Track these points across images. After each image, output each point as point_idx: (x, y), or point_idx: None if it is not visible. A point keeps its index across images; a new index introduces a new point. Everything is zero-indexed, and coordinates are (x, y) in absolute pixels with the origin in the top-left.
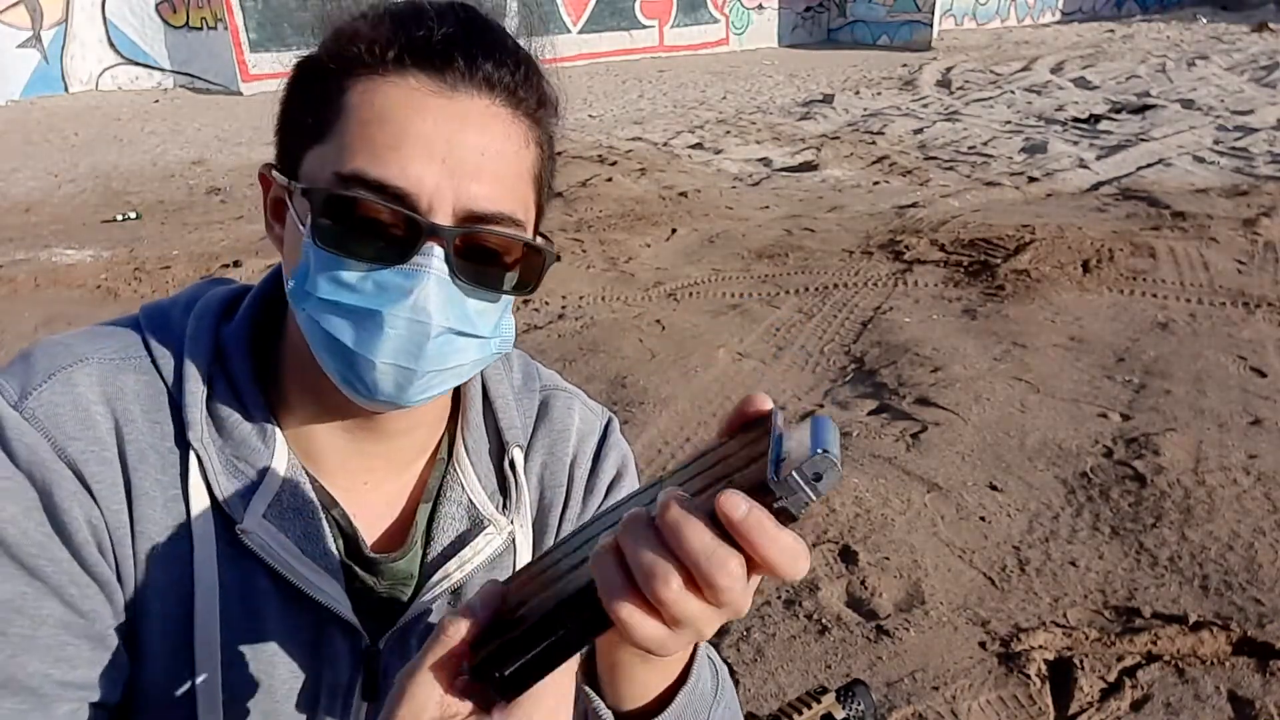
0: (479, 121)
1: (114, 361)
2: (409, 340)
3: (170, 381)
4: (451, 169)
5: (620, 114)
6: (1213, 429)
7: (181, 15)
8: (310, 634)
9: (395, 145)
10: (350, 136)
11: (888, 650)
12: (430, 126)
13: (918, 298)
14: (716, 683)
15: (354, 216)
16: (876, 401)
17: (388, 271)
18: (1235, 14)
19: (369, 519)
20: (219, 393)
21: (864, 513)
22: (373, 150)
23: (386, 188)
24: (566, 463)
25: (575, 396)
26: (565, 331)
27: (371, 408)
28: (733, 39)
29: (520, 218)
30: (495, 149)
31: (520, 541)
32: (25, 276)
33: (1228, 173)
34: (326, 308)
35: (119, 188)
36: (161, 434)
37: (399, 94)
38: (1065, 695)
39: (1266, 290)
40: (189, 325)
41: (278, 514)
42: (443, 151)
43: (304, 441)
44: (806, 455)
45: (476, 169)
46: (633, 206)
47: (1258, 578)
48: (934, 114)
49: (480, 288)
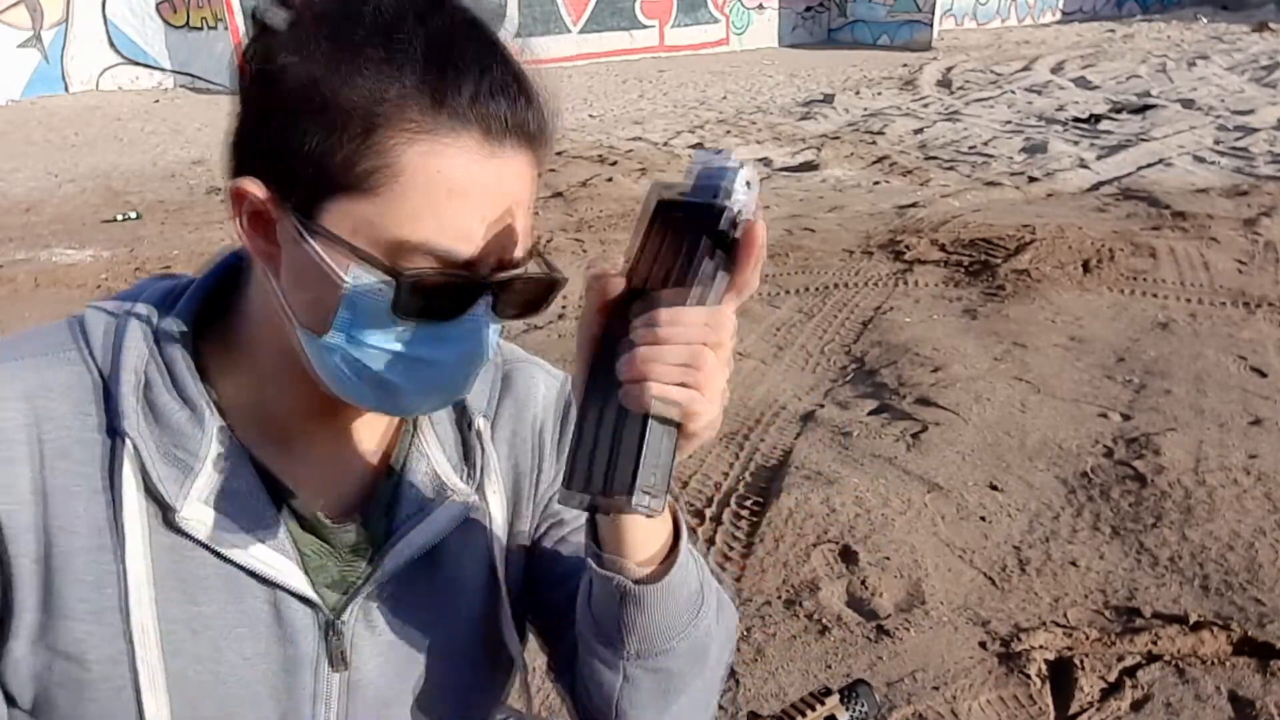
0: (517, 178)
1: (41, 358)
2: (459, 378)
3: (102, 373)
4: (497, 228)
5: (620, 114)
6: (1213, 429)
7: (182, 15)
8: (266, 613)
9: (459, 217)
10: (414, 203)
11: (888, 650)
12: (484, 195)
13: (918, 297)
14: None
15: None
16: (877, 401)
17: (446, 326)
18: (1235, 14)
19: (326, 492)
20: (154, 382)
21: (864, 513)
22: (438, 219)
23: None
24: (535, 430)
25: (537, 366)
26: (565, 331)
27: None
28: (733, 39)
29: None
30: (525, 199)
31: (495, 507)
32: (25, 276)
33: (1228, 173)
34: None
35: (119, 188)
36: (91, 426)
37: (458, 160)
38: (1065, 695)
39: (1267, 290)
40: (127, 317)
41: (219, 499)
42: (493, 216)
43: (258, 421)
44: (721, 164)
45: (515, 223)
46: (633, 206)
47: (1258, 578)
48: (934, 114)
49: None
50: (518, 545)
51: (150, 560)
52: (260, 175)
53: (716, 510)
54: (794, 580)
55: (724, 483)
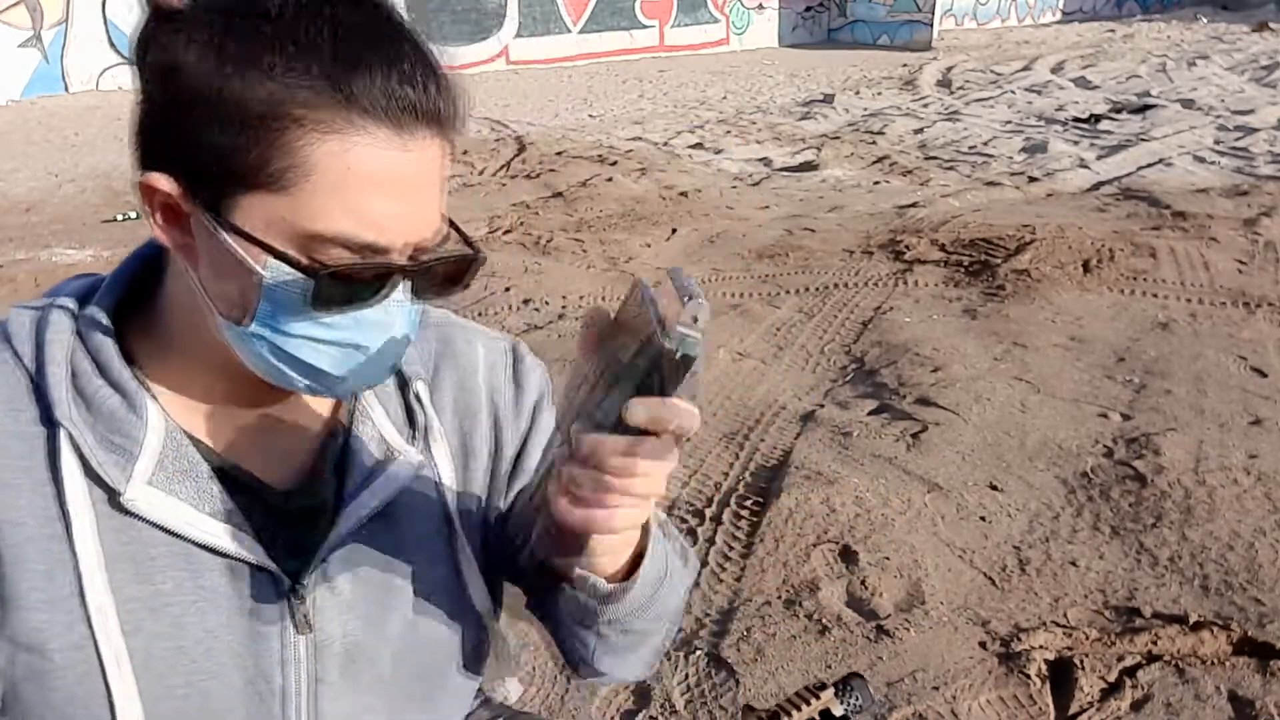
0: (428, 163)
1: None
2: (382, 360)
3: (30, 369)
4: (411, 215)
5: (620, 114)
6: (1213, 429)
7: None
8: (224, 585)
9: (371, 208)
10: (326, 198)
11: (888, 650)
12: (397, 182)
13: (918, 297)
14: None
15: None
16: (876, 401)
17: (364, 310)
18: (1235, 14)
19: (272, 461)
20: (82, 372)
21: (864, 513)
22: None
23: (367, 247)
24: (482, 394)
25: (475, 331)
26: (565, 331)
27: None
28: (733, 39)
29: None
30: (437, 182)
31: (443, 465)
32: (25, 276)
33: (1228, 173)
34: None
35: (119, 188)
36: (25, 420)
37: (369, 154)
38: (1065, 695)
39: (1267, 290)
40: (47, 314)
41: (163, 479)
42: (406, 203)
43: (193, 401)
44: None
45: (427, 207)
46: (633, 206)
47: (1258, 578)
48: (934, 114)
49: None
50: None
51: (100, 544)
52: (169, 170)
53: (716, 510)
54: (794, 580)
55: (724, 483)
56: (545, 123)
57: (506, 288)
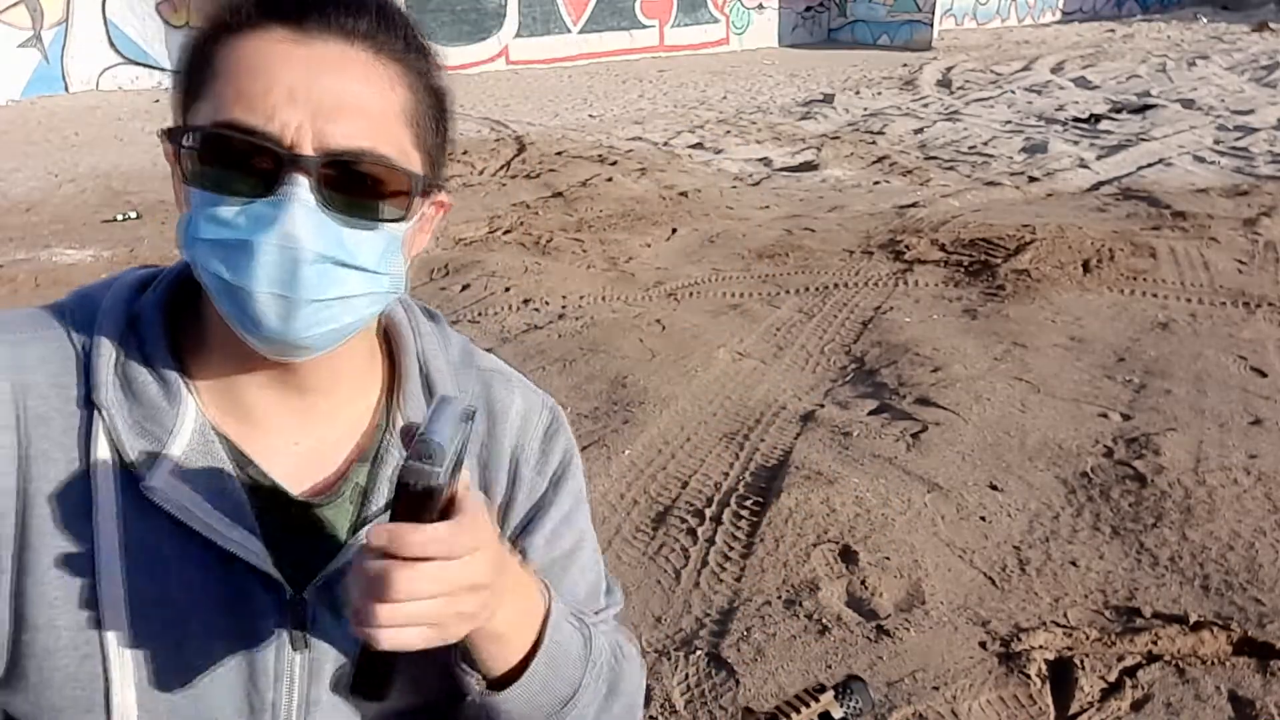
0: (336, 65)
1: (21, 333)
2: (281, 267)
3: (83, 348)
4: (311, 110)
5: (620, 114)
6: (1213, 429)
7: (182, 15)
8: (228, 589)
9: (260, 94)
10: (222, 90)
11: (888, 650)
12: (289, 73)
13: (918, 297)
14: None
15: (224, 155)
16: (877, 401)
17: (258, 204)
18: (1235, 14)
19: (297, 475)
20: (131, 357)
21: (864, 513)
22: (240, 100)
23: (252, 130)
24: (507, 446)
25: (516, 382)
26: (565, 331)
27: (270, 352)
28: (733, 39)
29: (386, 153)
30: (353, 90)
31: None
32: (25, 276)
33: (1228, 172)
34: (208, 249)
35: (119, 187)
36: (67, 397)
37: (260, 46)
38: (1066, 695)
39: (1267, 290)
40: (106, 298)
41: (187, 473)
42: (302, 95)
43: (229, 402)
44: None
45: (334, 109)
46: (633, 206)
47: (1258, 578)
48: (934, 114)
49: (352, 215)
50: None
51: (122, 530)
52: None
53: (716, 510)
54: (794, 580)
55: (724, 483)
56: (545, 123)
57: (506, 288)
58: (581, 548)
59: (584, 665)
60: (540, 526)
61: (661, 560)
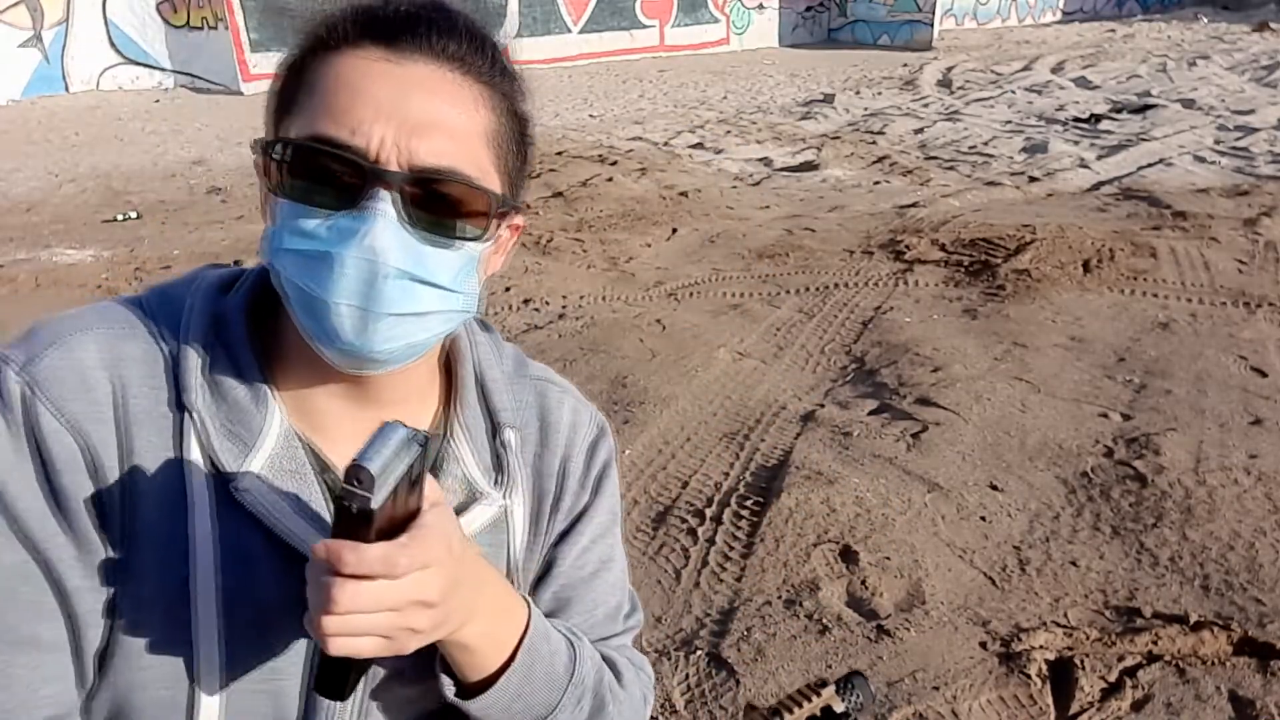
0: (426, 85)
1: (116, 331)
2: (361, 280)
3: (170, 351)
4: (399, 127)
5: (621, 114)
6: (1213, 429)
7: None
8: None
9: (349, 108)
10: (314, 105)
11: (888, 650)
12: (380, 90)
13: (918, 297)
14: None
15: (312, 168)
16: (877, 401)
17: (342, 217)
18: (1236, 14)
19: None
20: (217, 360)
21: (864, 513)
22: (331, 114)
23: (340, 143)
24: (558, 455)
25: (568, 391)
26: (566, 331)
27: (344, 364)
28: (733, 39)
29: (469, 173)
30: (441, 110)
31: (517, 517)
32: (26, 276)
33: (1228, 172)
34: (291, 259)
35: (119, 187)
36: (159, 399)
37: (353, 64)
38: (1066, 695)
39: (1267, 290)
40: (190, 300)
41: (272, 475)
42: (389, 111)
43: (303, 409)
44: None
45: (423, 127)
46: (633, 206)
47: (1258, 578)
48: (934, 114)
49: (433, 233)
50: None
51: (214, 528)
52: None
53: (716, 510)
54: (794, 580)
55: (724, 483)
56: (545, 123)
57: (506, 288)
58: (609, 568)
59: (564, 686)
60: (575, 540)
61: (662, 560)
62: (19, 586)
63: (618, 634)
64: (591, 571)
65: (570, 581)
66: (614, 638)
